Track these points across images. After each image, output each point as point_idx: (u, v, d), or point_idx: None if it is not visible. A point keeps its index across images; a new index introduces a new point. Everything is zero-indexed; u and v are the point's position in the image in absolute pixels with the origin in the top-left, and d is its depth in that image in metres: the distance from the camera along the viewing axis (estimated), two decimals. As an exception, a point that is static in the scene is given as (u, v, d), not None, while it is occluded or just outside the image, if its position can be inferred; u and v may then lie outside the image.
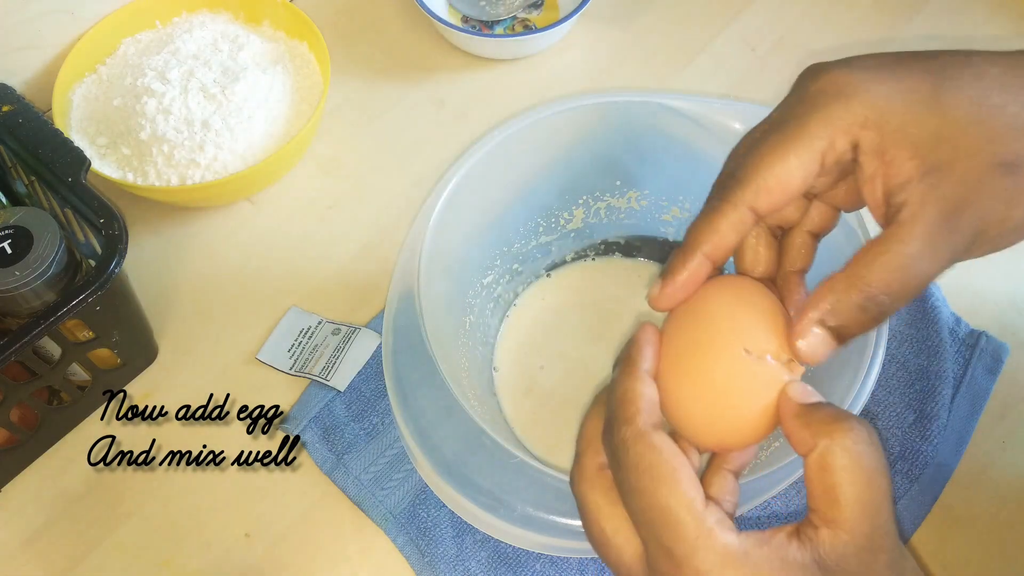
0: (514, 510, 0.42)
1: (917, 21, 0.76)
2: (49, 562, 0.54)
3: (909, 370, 0.58)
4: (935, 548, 0.54)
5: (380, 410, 0.58)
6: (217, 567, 0.54)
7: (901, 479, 0.55)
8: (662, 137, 0.53)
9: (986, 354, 0.59)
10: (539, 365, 0.58)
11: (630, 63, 0.75)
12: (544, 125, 0.51)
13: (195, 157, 0.62)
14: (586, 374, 0.57)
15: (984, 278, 0.63)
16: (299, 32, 0.70)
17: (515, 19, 0.77)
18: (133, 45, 0.70)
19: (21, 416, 0.55)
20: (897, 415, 0.57)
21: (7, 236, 0.49)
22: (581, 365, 0.58)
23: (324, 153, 0.70)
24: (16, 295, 0.49)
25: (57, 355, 0.54)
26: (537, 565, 0.53)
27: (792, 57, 0.75)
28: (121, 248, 0.51)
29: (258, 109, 0.64)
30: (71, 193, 0.53)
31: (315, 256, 0.65)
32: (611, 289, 0.60)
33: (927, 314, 0.60)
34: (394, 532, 0.54)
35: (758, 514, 0.54)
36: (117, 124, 0.64)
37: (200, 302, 0.63)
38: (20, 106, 0.57)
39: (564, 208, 0.58)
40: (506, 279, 0.59)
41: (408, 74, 0.74)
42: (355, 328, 0.60)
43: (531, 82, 0.73)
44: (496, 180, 0.52)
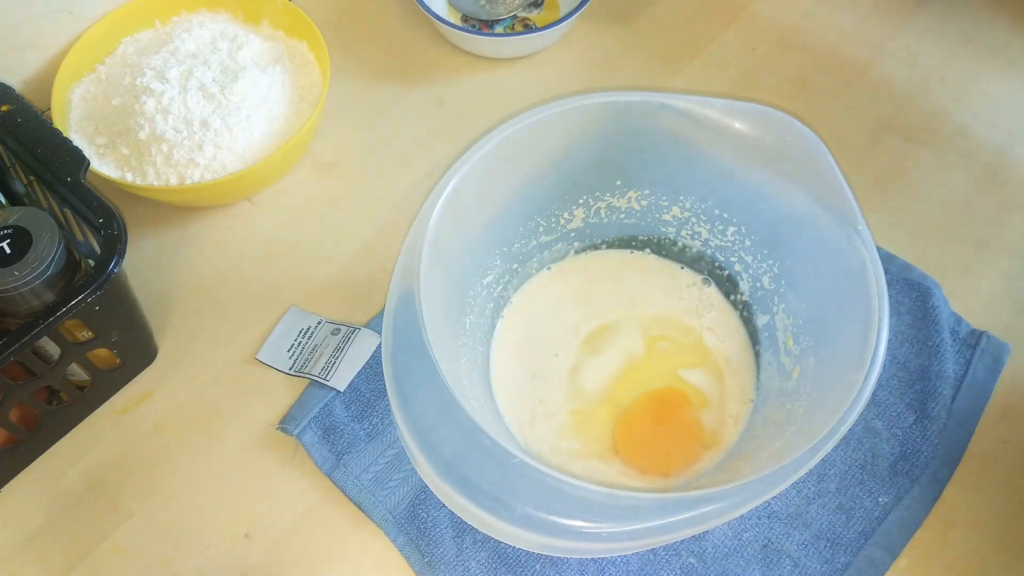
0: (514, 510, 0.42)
1: (917, 21, 0.76)
2: (49, 562, 0.54)
3: (909, 370, 0.58)
4: (935, 548, 0.54)
5: (380, 410, 0.58)
6: (217, 567, 0.54)
7: (901, 479, 0.55)
8: (662, 137, 0.53)
9: (987, 354, 0.59)
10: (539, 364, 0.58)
11: (630, 63, 0.75)
12: (544, 125, 0.51)
13: (194, 157, 0.62)
14: (586, 373, 0.57)
15: (984, 278, 0.63)
16: (299, 31, 0.70)
17: (515, 19, 0.77)
18: (132, 44, 0.70)
19: (21, 416, 0.55)
20: (897, 415, 0.57)
21: (6, 236, 0.49)
22: (581, 364, 0.58)
23: (324, 153, 0.70)
24: (15, 295, 0.49)
25: (56, 355, 0.54)
26: (537, 565, 0.53)
27: (792, 57, 0.75)
28: (120, 248, 0.51)
29: (257, 109, 0.64)
30: (70, 193, 0.53)
31: (315, 256, 0.65)
32: (611, 285, 0.60)
33: (928, 314, 0.60)
34: (394, 532, 0.54)
35: (758, 514, 0.54)
36: (116, 124, 0.64)
37: (200, 302, 0.63)
38: (19, 105, 0.57)
39: (564, 208, 0.58)
40: (506, 279, 0.59)
41: (408, 74, 0.74)
42: (355, 328, 0.60)
43: (531, 82, 0.73)
44: (496, 180, 0.52)
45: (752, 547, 0.53)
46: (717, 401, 0.56)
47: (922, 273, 0.62)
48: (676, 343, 0.58)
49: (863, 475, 0.55)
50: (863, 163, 0.69)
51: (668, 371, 0.57)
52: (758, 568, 0.53)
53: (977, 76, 0.73)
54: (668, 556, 0.53)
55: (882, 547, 0.53)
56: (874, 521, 0.54)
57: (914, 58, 0.74)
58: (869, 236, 0.47)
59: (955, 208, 0.66)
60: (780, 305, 0.55)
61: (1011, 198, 0.67)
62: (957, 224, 0.66)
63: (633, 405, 0.56)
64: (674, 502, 0.41)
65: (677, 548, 0.54)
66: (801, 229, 0.52)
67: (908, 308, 0.60)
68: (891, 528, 0.54)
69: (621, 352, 0.58)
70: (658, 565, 0.53)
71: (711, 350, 0.58)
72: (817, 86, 0.73)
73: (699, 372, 0.57)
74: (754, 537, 0.54)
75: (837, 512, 0.54)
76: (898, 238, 0.64)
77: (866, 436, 0.56)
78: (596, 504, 0.42)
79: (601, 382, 0.57)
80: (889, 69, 0.74)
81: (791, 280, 0.54)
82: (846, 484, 0.55)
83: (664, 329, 0.58)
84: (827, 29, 0.76)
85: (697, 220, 0.58)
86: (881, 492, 0.55)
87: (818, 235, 0.50)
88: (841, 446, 0.56)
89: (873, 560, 0.53)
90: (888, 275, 0.61)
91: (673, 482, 0.54)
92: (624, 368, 0.57)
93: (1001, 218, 0.66)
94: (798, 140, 0.50)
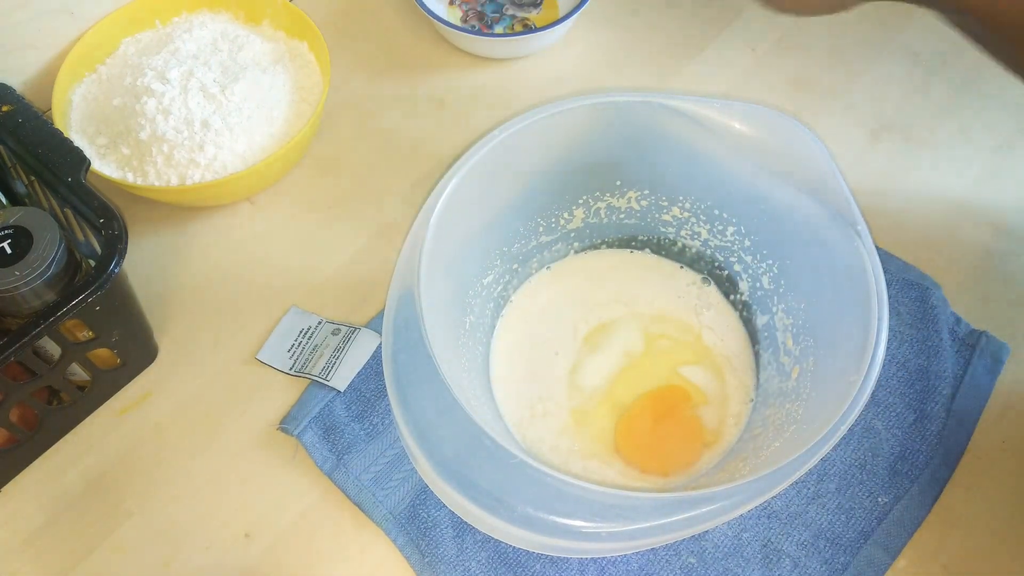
0: (514, 510, 0.42)
1: (917, 21, 0.76)
2: (49, 562, 0.54)
3: (909, 370, 0.58)
4: (935, 548, 0.54)
5: (380, 410, 0.58)
6: (217, 567, 0.54)
7: (901, 479, 0.55)
8: (662, 137, 0.53)
9: (986, 354, 0.59)
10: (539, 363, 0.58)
11: (630, 63, 0.75)
12: (544, 125, 0.51)
13: (195, 157, 0.62)
14: (586, 372, 0.57)
15: (984, 278, 0.63)
16: (299, 32, 0.70)
17: (515, 19, 0.77)
18: (133, 45, 0.70)
19: (21, 416, 0.55)
20: (897, 415, 0.57)
21: (7, 236, 0.49)
22: (581, 363, 0.58)
23: (324, 153, 0.70)
24: (16, 295, 0.49)
25: (57, 355, 0.54)
26: (537, 565, 0.53)
27: (792, 57, 0.75)
28: (121, 248, 0.51)
29: (258, 109, 0.64)
30: (71, 193, 0.53)
31: (315, 256, 0.65)
32: (610, 284, 0.60)
33: (927, 314, 0.60)
34: (394, 532, 0.54)
35: (758, 514, 0.54)
36: (117, 124, 0.64)
37: (200, 302, 0.63)
38: (20, 106, 0.57)
39: (564, 208, 0.58)
40: (506, 279, 0.59)
41: (408, 74, 0.74)
42: (355, 328, 0.60)
43: (531, 82, 0.73)
44: (496, 180, 0.52)
45: (752, 547, 0.53)
46: (718, 399, 0.56)
47: (921, 273, 0.62)
48: (676, 341, 0.58)
49: (863, 475, 0.55)
50: (863, 163, 0.69)
51: (668, 369, 0.57)
52: (758, 568, 0.53)
53: (977, 76, 0.73)
54: (668, 556, 0.53)
55: (882, 547, 0.53)
56: (874, 521, 0.54)
57: (914, 58, 0.74)
58: (869, 236, 0.47)
59: (955, 208, 0.66)
60: (779, 305, 0.55)
61: (1011, 198, 0.67)
62: (957, 224, 0.66)
63: (634, 404, 0.56)
64: (674, 502, 0.41)
65: (677, 548, 0.54)
66: (801, 229, 0.52)
67: (907, 308, 0.60)
68: (891, 528, 0.54)
69: (621, 350, 0.58)
70: (658, 565, 0.53)
71: (711, 349, 0.58)
72: (817, 86, 0.73)
73: (699, 370, 0.57)
74: (754, 537, 0.54)
75: (837, 512, 0.54)
76: (898, 238, 0.64)
77: (866, 436, 0.56)
78: (596, 504, 0.42)
79: (601, 380, 0.57)
80: (889, 69, 0.74)
81: (790, 280, 0.54)
82: (846, 484, 0.55)
83: (664, 327, 0.59)
84: (827, 29, 0.76)
85: (697, 220, 0.58)
86: (881, 492, 0.55)
87: (818, 235, 0.50)
88: (841, 446, 0.56)
89: (873, 560, 0.53)
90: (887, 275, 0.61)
91: (673, 482, 0.54)
92: (624, 366, 0.57)
93: (1001, 218, 0.66)
94: (798, 140, 0.50)
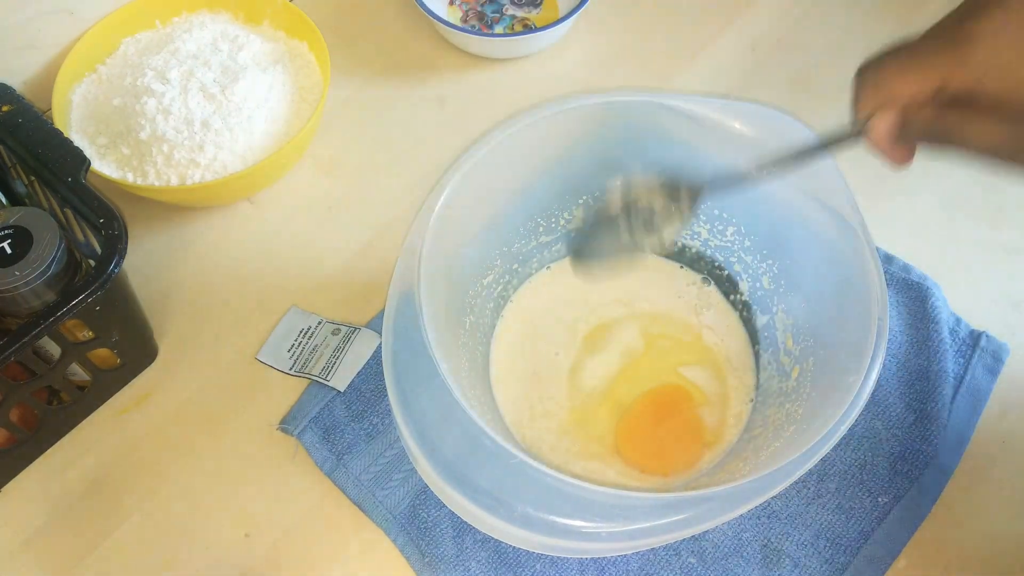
0: (514, 510, 0.42)
1: (917, 22, 0.76)
2: (49, 562, 0.54)
3: (909, 370, 0.58)
4: (935, 548, 0.54)
5: (380, 410, 0.58)
6: (217, 567, 0.54)
7: (901, 479, 0.55)
8: (662, 137, 0.53)
9: (986, 354, 0.59)
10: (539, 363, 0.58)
11: (630, 63, 0.75)
12: (544, 125, 0.51)
13: (195, 157, 0.62)
14: (586, 372, 0.57)
15: (984, 278, 0.63)
16: (299, 32, 0.70)
17: (515, 19, 0.77)
18: (133, 45, 0.70)
19: (21, 416, 0.55)
20: (897, 415, 0.57)
21: (7, 236, 0.49)
22: (581, 363, 0.58)
23: (324, 153, 0.70)
24: (16, 295, 0.49)
25: (57, 355, 0.54)
26: (537, 565, 0.53)
27: (792, 57, 0.75)
28: (121, 248, 0.51)
29: (258, 109, 0.64)
30: (71, 193, 0.53)
31: (315, 256, 0.65)
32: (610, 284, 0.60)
33: (927, 314, 0.60)
34: (394, 532, 0.54)
35: (758, 514, 0.54)
36: (117, 124, 0.64)
37: (200, 302, 0.63)
38: (20, 106, 0.57)
39: (564, 208, 0.58)
40: (506, 279, 0.59)
41: (408, 74, 0.74)
42: (355, 328, 0.60)
43: (531, 82, 0.73)
44: (496, 180, 0.52)
45: (752, 547, 0.53)
46: (718, 399, 0.56)
47: (921, 273, 0.62)
48: (676, 341, 0.58)
49: (863, 475, 0.55)
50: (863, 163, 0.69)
51: (668, 368, 0.57)
52: (758, 568, 0.53)
53: (977, 76, 0.73)
54: (668, 556, 0.53)
55: (882, 547, 0.53)
56: (874, 521, 0.54)
57: (914, 58, 0.74)
58: (869, 236, 0.47)
59: (955, 208, 0.66)
60: (780, 305, 0.55)
61: (1011, 198, 0.67)
62: (957, 224, 0.66)
63: (635, 404, 0.56)
64: (674, 502, 0.41)
65: (677, 548, 0.54)
66: (801, 229, 0.52)
67: (908, 308, 0.60)
68: (891, 528, 0.54)
69: (621, 350, 0.58)
70: (658, 565, 0.53)
71: (711, 349, 0.58)
72: (817, 86, 0.73)
73: (699, 369, 0.57)
74: (754, 537, 0.54)
75: (837, 512, 0.54)
76: (898, 238, 0.64)
77: (866, 436, 0.56)
78: (596, 504, 0.42)
79: (601, 380, 0.57)
80: (889, 69, 0.74)
81: (791, 280, 0.54)
82: (846, 484, 0.55)
83: (664, 327, 0.59)
84: (827, 29, 0.76)
85: (697, 220, 0.58)
86: (881, 492, 0.55)
87: (818, 235, 0.50)
88: (841, 446, 0.56)
89: (873, 560, 0.53)
90: (888, 275, 0.62)
91: (673, 482, 0.54)
92: (624, 366, 0.57)
93: (1001, 218, 0.66)
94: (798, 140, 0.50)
